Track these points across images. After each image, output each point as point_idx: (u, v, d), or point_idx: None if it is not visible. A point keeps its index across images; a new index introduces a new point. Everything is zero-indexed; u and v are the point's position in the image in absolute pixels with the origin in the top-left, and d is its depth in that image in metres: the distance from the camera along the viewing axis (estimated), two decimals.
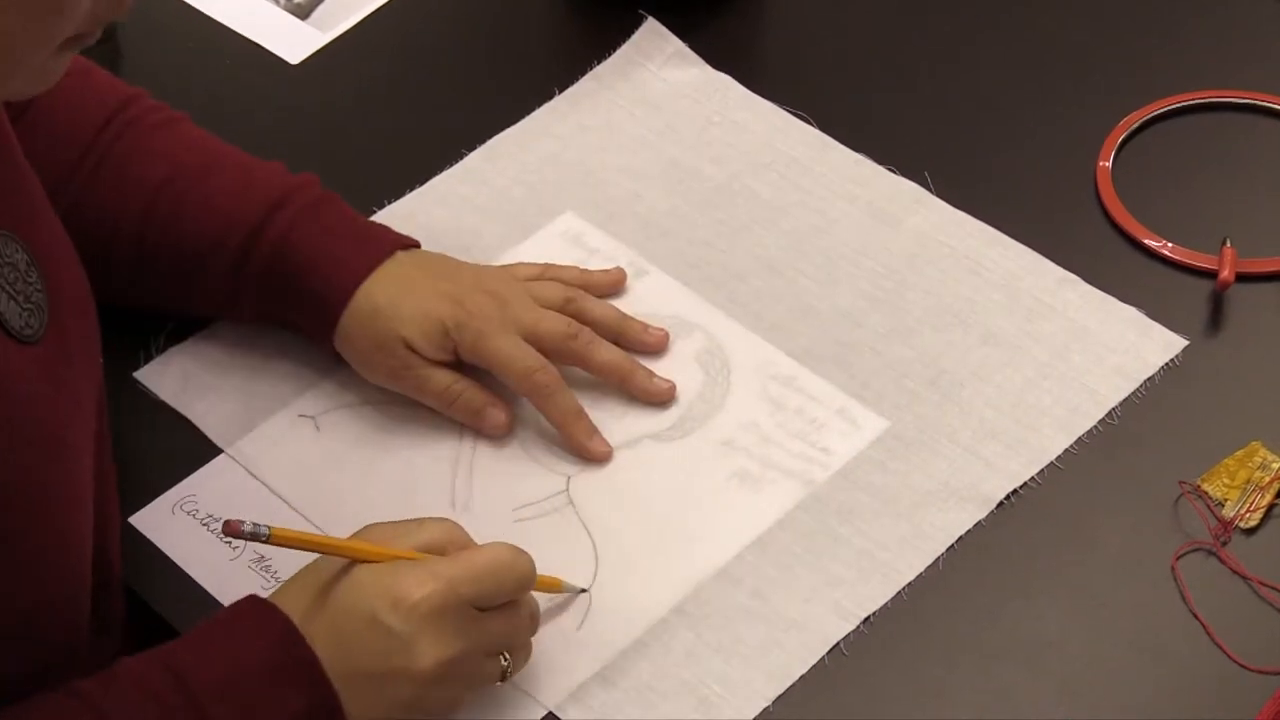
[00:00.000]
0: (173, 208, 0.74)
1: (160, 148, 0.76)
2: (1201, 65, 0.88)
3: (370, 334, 0.73)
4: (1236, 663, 0.66)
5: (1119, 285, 0.79)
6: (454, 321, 0.73)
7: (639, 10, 0.90)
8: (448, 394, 0.73)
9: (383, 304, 0.73)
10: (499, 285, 0.75)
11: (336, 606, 0.61)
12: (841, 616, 0.68)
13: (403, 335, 0.72)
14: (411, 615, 0.61)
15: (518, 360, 0.73)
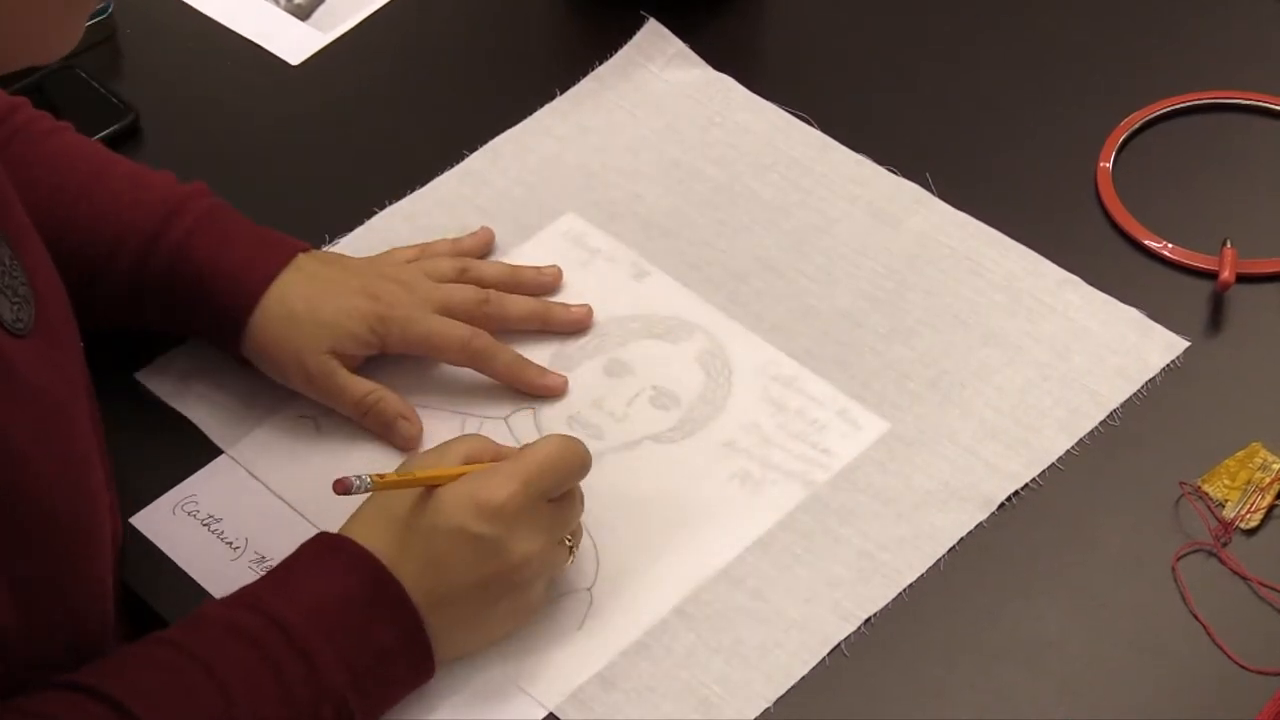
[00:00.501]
0: (64, 216, 0.74)
1: (48, 156, 0.75)
2: (1202, 65, 0.88)
3: (289, 339, 0.73)
4: (1236, 663, 0.66)
5: (1119, 286, 0.79)
6: (376, 315, 0.73)
7: (640, 11, 0.90)
8: (364, 403, 0.74)
9: (300, 308, 0.73)
10: (398, 272, 0.76)
11: (421, 531, 0.63)
12: (842, 617, 0.68)
13: (328, 338, 0.73)
14: (499, 518, 0.63)
15: (450, 334, 0.74)
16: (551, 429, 0.75)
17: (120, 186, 0.75)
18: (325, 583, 0.62)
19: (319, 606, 0.61)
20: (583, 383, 0.77)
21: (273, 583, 0.63)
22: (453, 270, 0.77)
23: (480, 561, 0.64)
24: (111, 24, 0.93)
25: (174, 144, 0.89)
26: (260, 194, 0.84)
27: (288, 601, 0.61)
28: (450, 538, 0.63)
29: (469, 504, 0.63)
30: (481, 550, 0.63)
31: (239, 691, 0.59)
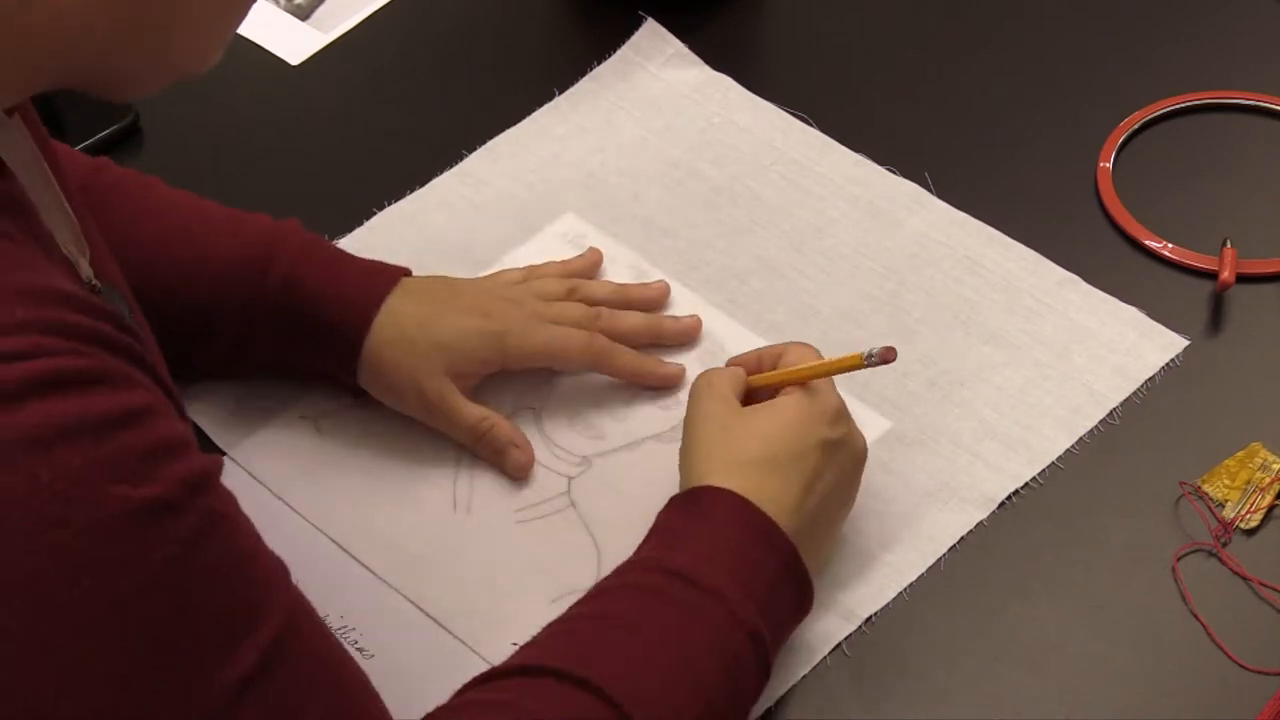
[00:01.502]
0: (165, 269, 0.73)
1: (145, 212, 0.75)
2: (1202, 66, 0.88)
3: (403, 363, 0.72)
4: (1236, 663, 0.66)
5: (1119, 286, 0.79)
6: (494, 333, 0.73)
7: (639, 11, 0.90)
8: (478, 429, 0.73)
9: (413, 331, 0.72)
10: (506, 290, 0.76)
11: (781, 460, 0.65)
12: (843, 617, 0.68)
13: (444, 359, 0.73)
14: (842, 417, 0.68)
15: (571, 339, 0.74)
16: (553, 429, 0.75)
17: (219, 232, 0.75)
18: (708, 531, 0.64)
19: (709, 553, 0.63)
20: (584, 383, 0.77)
21: (658, 544, 0.64)
22: (561, 289, 0.77)
23: (840, 464, 0.67)
24: None
25: (174, 144, 0.89)
26: (260, 194, 0.84)
27: (681, 554, 0.63)
28: (816, 452, 0.66)
29: (817, 417, 0.67)
30: (841, 452, 0.67)
31: (673, 644, 0.60)
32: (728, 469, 0.65)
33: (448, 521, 0.73)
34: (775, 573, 0.64)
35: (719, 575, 0.62)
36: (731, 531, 0.64)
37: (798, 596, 0.65)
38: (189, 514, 0.47)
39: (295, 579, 0.69)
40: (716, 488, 0.65)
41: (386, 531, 0.72)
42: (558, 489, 0.74)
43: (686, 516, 0.65)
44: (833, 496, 0.67)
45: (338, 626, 0.69)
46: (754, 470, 0.65)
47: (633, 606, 0.62)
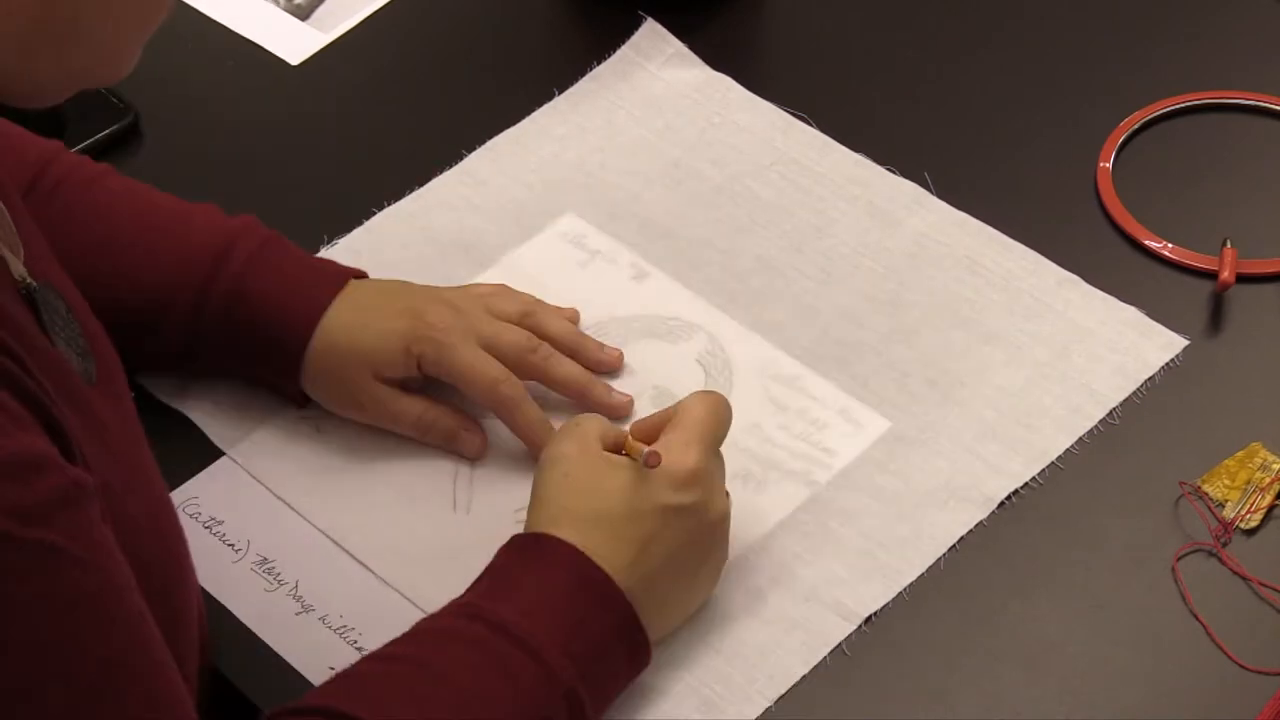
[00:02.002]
0: (113, 266, 0.73)
1: (92, 206, 0.74)
2: (1202, 66, 0.88)
3: (335, 369, 0.72)
4: (1236, 663, 0.66)
5: (1119, 286, 0.79)
6: (414, 335, 0.72)
7: (638, 11, 0.90)
8: (420, 422, 0.73)
9: (340, 339, 0.72)
10: (455, 297, 0.75)
11: (618, 517, 0.64)
12: (843, 617, 0.68)
13: (368, 363, 0.72)
14: (695, 483, 0.65)
15: (481, 372, 0.72)
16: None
17: (166, 232, 0.74)
18: (537, 583, 0.62)
19: (535, 605, 0.62)
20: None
21: (485, 589, 0.63)
22: (516, 311, 0.75)
23: (685, 530, 0.65)
24: None
25: (174, 144, 0.89)
26: (260, 194, 0.84)
27: (504, 604, 0.62)
28: (653, 516, 0.64)
29: (663, 479, 0.65)
30: (685, 518, 0.65)
31: (477, 698, 0.59)
32: (566, 519, 0.64)
33: (447, 521, 0.73)
34: (603, 630, 0.62)
35: (541, 631, 0.61)
36: (563, 585, 0.62)
37: (630, 655, 0.64)
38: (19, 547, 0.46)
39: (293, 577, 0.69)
40: (554, 539, 0.63)
41: (386, 531, 0.72)
42: None
43: (522, 563, 0.64)
44: (678, 561, 0.65)
45: (337, 626, 0.69)
46: (588, 525, 0.64)
47: (448, 657, 0.60)
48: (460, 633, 0.61)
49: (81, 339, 0.60)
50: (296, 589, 0.70)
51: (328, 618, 0.69)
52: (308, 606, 0.70)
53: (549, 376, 0.74)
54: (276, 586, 0.70)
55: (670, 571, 0.65)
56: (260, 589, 0.70)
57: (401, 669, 0.60)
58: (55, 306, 0.59)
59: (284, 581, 0.71)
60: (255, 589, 0.70)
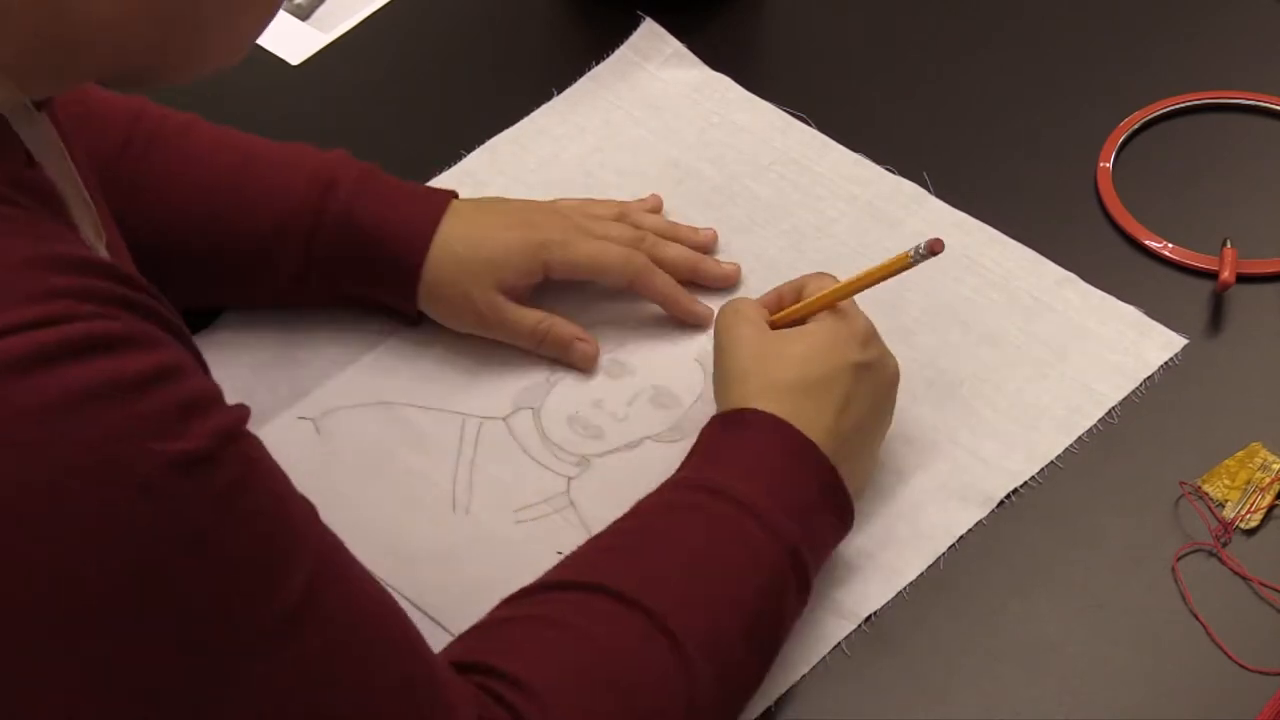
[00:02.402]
0: (222, 210, 0.75)
1: (190, 155, 0.76)
2: (1202, 66, 0.88)
3: (458, 281, 0.75)
4: (1236, 663, 0.66)
5: (1119, 286, 0.79)
6: (537, 242, 0.75)
7: (637, 11, 0.90)
8: (537, 331, 0.76)
9: (461, 250, 0.75)
10: (555, 205, 0.79)
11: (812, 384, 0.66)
12: (842, 616, 0.68)
13: (491, 272, 0.75)
14: (873, 339, 0.69)
15: (611, 253, 0.76)
16: (552, 429, 0.75)
17: (267, 169, 0.76)
18: (744, 452, 0.65)
19: (750, 471, 0.64)
20: (583, 383, 0.77)
21: (698, 463, 0.66)
22: (612, 212, 0.79)
23: (874, 385, 0.68)
24: None
25: None
26: None
27: (720, 473, 0.64)
28: (847, 375, 0.67)
29: (848, 340, 0.68)
30: (874, 373, 0.68)
31: (710, 558, 0.61)
32: (764, 392, 0.66)
33: (447, 522, 0.73)
34: (814, 492, 0.65)
35: (758, 492, 0.63)
36: (771, 451, 0.65)
37: (838, 516, 0.66)
38: (226, 465, 0.49)
39: None
40: (756, 411, 0.66)
41: (386, 532, 0.72)
42: (557, 489, 0.74)
43: (726, 434, 0.66)
44: (867, 418, 0.68)
45: None
46: (788, 394, 0.66)
47: (673, 523, 0.63)
48: (683, 502, 0.64)
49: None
50: None
51: None
52: None
53: (661, 259, 0.78)
54: None
55: (862, 430, 0.68)
56: None
57: (634, 540, 0.63)
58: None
59: None
60: None
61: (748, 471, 0.64)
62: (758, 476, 0.64)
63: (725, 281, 0.79)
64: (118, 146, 0.76)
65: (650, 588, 0.60)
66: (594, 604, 0.59)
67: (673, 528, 0.63)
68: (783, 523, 0.63)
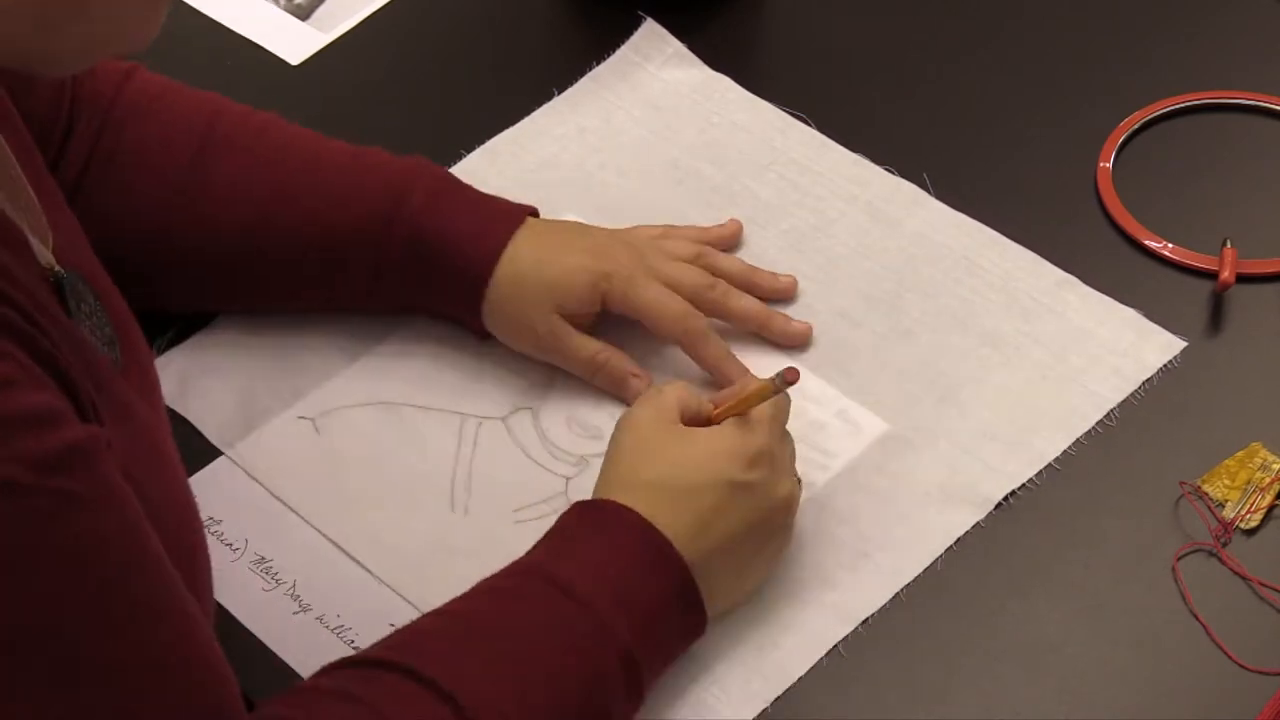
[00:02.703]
0: (297, 214, 0.75)
1: (267, 158, 0.76)
2: (1202, 66, 0.88)
3: (518, 302, 0.74)
4: (1236, 663, 0.66)
5: (1119, 286, 0.79)
6: (600, 273, 0.74)
7: (638, 11, 0.90)
8: (594, 361, 0.75)
9: (527, 270, 0.74)
10: (632, 237, 0.77)
11: (683, 489, 0.65)
12: (839, 618, 0.68)
13: (552, 296, 0.74)
14: (762, 462, 0.66)
15: (669, 306, 0.74)
16: (550, 429, 0.75)
17: (343, 175, 0.76)
18: (597, 546, 0.63)
19: (596, 567, 0.63)
20: (582, 383, 0.77)
21: (546, 550, 0.64)
22: (689, 252, 0.77)
23: (750, 509, 0.65)
24: None
25: None
26: None
27: (566, 564, 0.63)
28: (719, 491, 0.65)
29: (732, 455, 0.65)
30: (750, 496, 0.65)
31: (536, 654, 0.60)
32: (632, 485, 0.65)
33: (445, 522, 0.73)
34: (664, 595, 0.63)
35: (602, 592, 0.62)
36: (623, 549, 0.63)
37: (685, 622, 0.64)
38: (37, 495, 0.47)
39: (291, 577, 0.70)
40: (617, 505, 0.64)
41: (384, 532, 0.72)
42: (555, 489, 0.74)
43: (583, 528, 0.64)
44: (739, 538, 0.66)
45: (335, 626, 0.69)
46: (648, 492, 0.65)
47: (508, 613, 0.61)
48: (521, 591, 0.62)
49: (108, 328, 0.61)
50: (294, 589, 0.70)
51: (325, 617, 0.69)
52: (305, 606, 0.70)
53: (728, 311, 0.76)
54: (274, 586, 0.70)
55: (730, 548, 0.65)
56: (258, 588, 0.70)
57: (462, 625, 0.61)
58: (82, 294, 0.60)
59: (282, 581, 0.71)
60: (253, 588, 0.70)
61: (594, 567, 0.62)
62: (602, 574, 0.62)
63: (793, 340, 0.76)
64: (192, 149, 0.75)
65: (466, 680, 0.58)
66: (403, 688, 0.58)
67: (506, 618, 0.61)
68: (622, 629, 0.61)
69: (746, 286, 0.77)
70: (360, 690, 0.58)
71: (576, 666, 0.61)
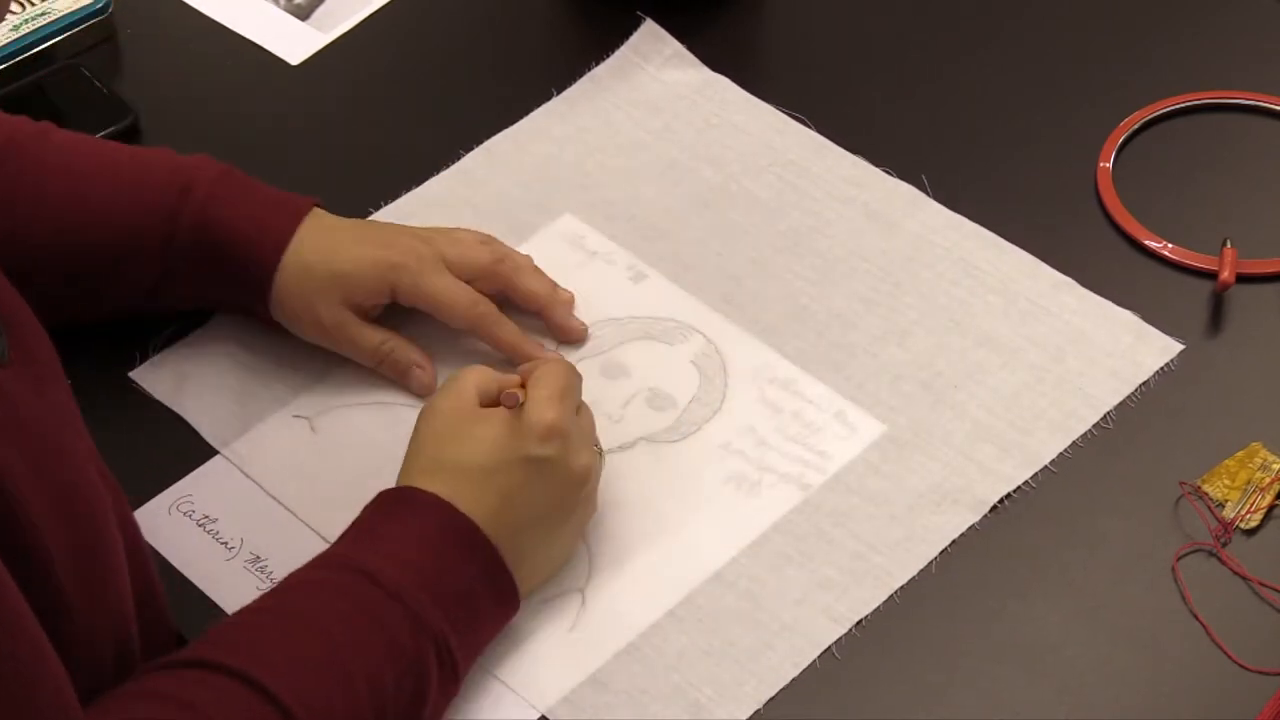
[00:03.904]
0: (78, 214, 0.75)
1: (46, 162, 0.76)
2: (1202, 66, 0.87)
3: (304, 291, 0.74)
4: (1236, 663, 0.66)
5: (1119, 286, 0.79)
6: (388, 263, 0.75)
7: (637, 12, 0.90)
8: (379, 352, 0.75)
9: (314, 260, 0.74)
10: (417, 229, 0.78)
11: (481, 469, 0.65)
12: (833, 620, 0.68)
13: (340, 286, 0.74)
14: (555, 436, 0.66)
15: (457, 296, 0.75)
16: None
17: (126, 174, 0.76)
18: (402, 532, 0.64)
19: (401, 554, 0.63)
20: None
21: (352, 540, 0.64)
22: (477, 238, 0.78)
23: (548, 483, 0.66)
24: (111, 24, 0.93)
25: (174, 144, 0.88)
26: None
27: (371, 553, 0.63)
28: (518, 467, 0.65)
29: (524, 432, 0.66)
30: (548, 471, 0.66)
31: (348, 644, 0.60)
32: (434, 470, 0.65)
33: None
34: (473, 576, 0.63)
35: (408, 578, 0.62)
36: (428, 533, 0.64)
37: (497, 601, 0.65)
38: None
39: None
40: (418, 491, 0.65)
41: None
42: None
43: (387, 516, 0.65)
44: (541, 512, 0.66)
45: None
46: (450, 474, 0.65)
47: (318, 605, 0.62)
48: (328, 583, 0.62)
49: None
50: None
51: None
52: None
53: (516, 287, 0.77)
54: (268, 584, 0.70)
55: (534, 523, 0.66)
56: (253, 587, 0.70)
57: (272, 620, 0.61)
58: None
59: (276, 579, 0.70)
60: (247, 586, 0.70)
61: (401, 556, 0.63)
62: (408, 561, 0.62)
63: (570, 335, 0.77)
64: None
65: (275, 670, 0.58)
66: (215, 683, 0.58)
67: (314, 610, 0.61)
68: (432, 614, 0.61)
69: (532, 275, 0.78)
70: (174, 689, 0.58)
71: (390, 655, 0.61)
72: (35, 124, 0.78)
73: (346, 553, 0.64)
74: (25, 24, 0.91)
